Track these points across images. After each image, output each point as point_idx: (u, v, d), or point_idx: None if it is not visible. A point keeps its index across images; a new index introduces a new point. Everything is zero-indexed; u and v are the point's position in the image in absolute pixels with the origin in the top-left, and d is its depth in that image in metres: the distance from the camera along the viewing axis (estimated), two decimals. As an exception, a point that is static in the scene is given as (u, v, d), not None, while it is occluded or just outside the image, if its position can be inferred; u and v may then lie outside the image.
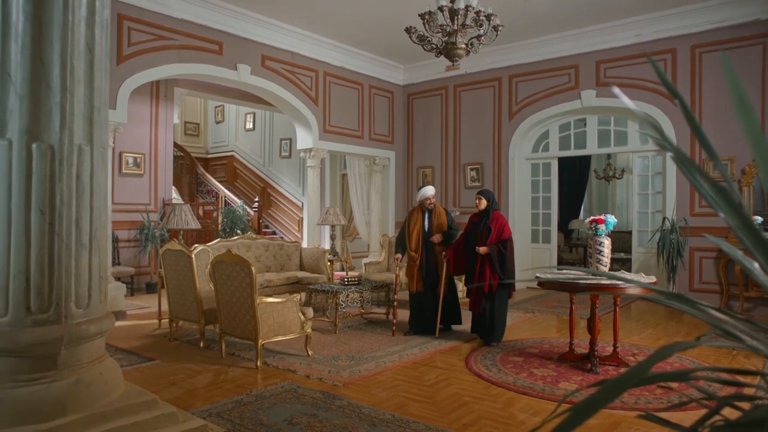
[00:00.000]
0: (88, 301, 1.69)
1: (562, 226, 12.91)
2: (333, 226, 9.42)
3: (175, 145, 11.29)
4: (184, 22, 7.70)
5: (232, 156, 14.46)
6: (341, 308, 6.57)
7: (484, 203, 6.14)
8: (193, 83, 10.18)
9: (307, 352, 5.71)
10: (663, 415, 1.33)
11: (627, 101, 1.22)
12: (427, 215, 6.59)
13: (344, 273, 7.56)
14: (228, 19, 8.12)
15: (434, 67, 10.45)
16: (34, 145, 1.59)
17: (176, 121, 10.71)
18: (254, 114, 13.80)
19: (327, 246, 10.22)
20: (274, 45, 8.79)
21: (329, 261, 8.06)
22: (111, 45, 6.72)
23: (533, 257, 10.27)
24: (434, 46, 6.60)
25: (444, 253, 6.38)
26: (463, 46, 6.49)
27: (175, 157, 11.34)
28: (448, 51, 6.50)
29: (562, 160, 10.40)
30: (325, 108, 9.69)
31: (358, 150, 10.28)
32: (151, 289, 9.38)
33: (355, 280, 6.88)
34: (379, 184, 10.76)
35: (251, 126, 14.01)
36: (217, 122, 14.92)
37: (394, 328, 6.61)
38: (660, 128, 0.92)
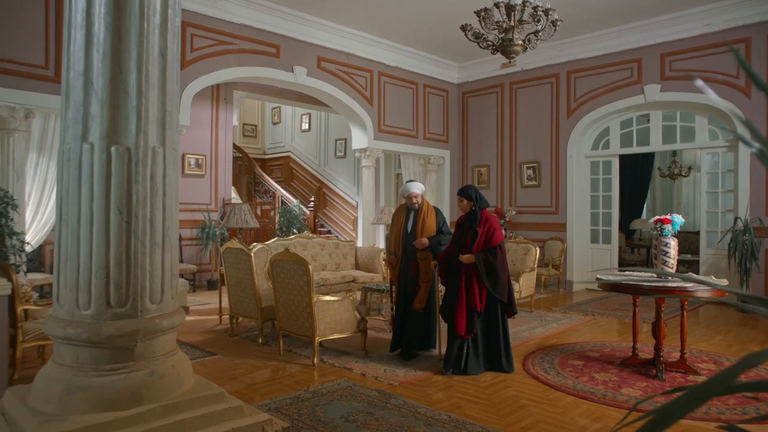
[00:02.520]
0: (161, 296, 1.78)
1: (623, 226, 12.44)
2: (388, 226, 9.46)
3: (234, 146, 11.64)
4: (243, 27, 7.92)
5: (289, 156, 14.76)
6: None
7: (465, 204, 5.10)
8: (251, 86, 10.46)
9: (364, 350, 5.74)
10: (747, 427, 1.25)
11: (713, 95, 1.16)
12: (412, 215, 5.61)
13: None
14: (285, 22, 8.29)
15: (490, 64, 10.30)
16: (113, 148, 1.68)
17: (235, 123, 11.04)
18: (310, 115, 14.03)
19: (382, 245, 10.27)
20: (330, 46, 8.90)
21: (383, 260, 8.09)
22: (176, 51, 6.99)
23: (593, 258, 9.96)
24: (490, 44, 6.51)
25: (435, 262, 5.38)
26: (520, 42, 6.37)
27: (234, 158, 11.68)
28: (504, 48, 6.40)
29: (623, 158, 10.03)
30: (380, 108, 9.73)
31: (412, 149, 10.27)
32: (212, 286, 9.71)
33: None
34: (434, 183, 10.71)
35: (307, 127, 14.25)
36: (274, 123, 15.27)
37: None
38: (752, 125, 0.87)
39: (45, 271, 8.33)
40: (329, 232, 12.99)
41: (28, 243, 6.06)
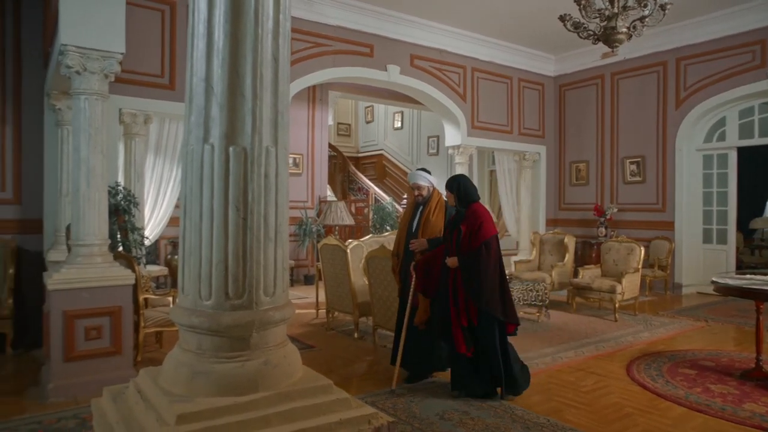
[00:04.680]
0: (274, 289, 1.86)
1: (742, 226, 11.39)
2: (481, 223, 9.32)
3: (329, 145, 11.97)
4: (338, 29, 8.12)
5: (382, 154, 14.97)
6: (490, 306, 6.46)
7: (452, 197, 4.38)
8: (345, 86, 10.70)
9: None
10: None
11: None
12: (419, 211, 4.83)
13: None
14: (378, 22, 8.40)
15: (589, 55, 9.83)
16: (231, 149, 1.78)
17: (330, 122, 11.36)
18: (402, 113, 14.14)
19: (474, 243, 10.12)
20: (423, 44, 8.91)
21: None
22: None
23: (705, 259, 9.23)
24: (591, 33, 6.21)
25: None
26: (625, 29, 6.02)
27: (329, 157, 12.02)
28: (607, 37, 6.08)
29: (741, 150, 9.18)
30: (473, 104, 9.60)
31: (507, 145, 10.04)
32: (308, 280, 10.07)
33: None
34: (529, 180, 10.41)
35: (399, 125, 14.38)
36: (367, 122, 15.55)
37: (541, 317, 6.36)
38: None
39: (160, 264, 9.03)
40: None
41: (146, 238, 6.59)
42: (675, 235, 9.06)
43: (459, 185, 4.34)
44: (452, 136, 9.60)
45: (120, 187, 5.87)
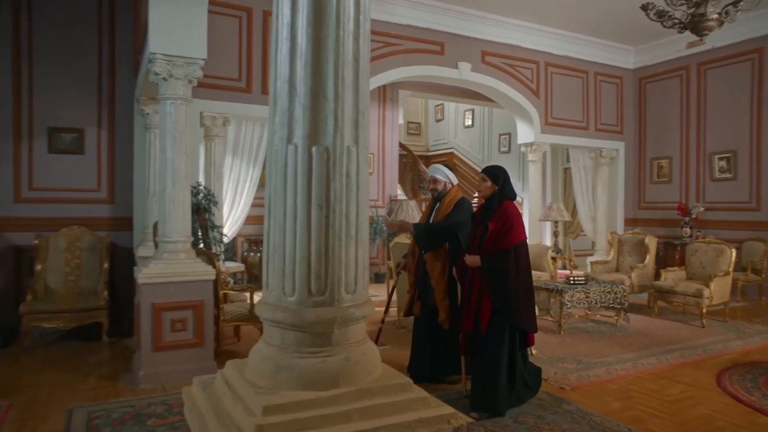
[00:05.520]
0: (355, 287, 1.89)
1: None
2: (555, 223, 9.04)
3: (399, 144, 12.01)
4: (408, 27, 8.12)
5: (452, 153, 14.86)
6: (566, 308, 6.28)
7: (487, 187, 3.96)
8: (415, 84, 10.70)
9: (531, 350, 5.57)
10: None
11: None
12: (436, 207, 4.67)
13: (567, 271, 7.21)
14: (449, 19, 8.33)
15: (672, 45, 9.30)
16: (313, 149, 1.82)
17: (400, 121, 11.39)
18: (473, 111, 13.97)
19: (549, 243, 9.85)
20: (494, 40, 8.75)
21: (552, 258, 7.76)
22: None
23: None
24: (677, 21, 5.87)
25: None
26: (716, 16, 5.65)
27: (399, 156, 12.05)
28: (695, 25, 5.73)
29: None
30: (547, 100, 9.33)
31: (582, 142, 9.68)
32: (379, 279, 10.16)
33: (581, 279, 6.51)
34: (606, 177, 9.98)
35: (470, 123, 14.21)
36: (437, 120, 15.48)
37: (620, 321, 6.06)
38: None
39: (237, 261, 9.40)
40: (491, 228, 12.82)
41: (225, 235, 6.87)
42: (771, 236, 8.41)
43: (505, 176, 4.00)
44: (525, 133, 9.37)
45: (201, 187, 6.15)
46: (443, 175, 4.65)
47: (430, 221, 4.62)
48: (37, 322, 5.93)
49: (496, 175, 3.97)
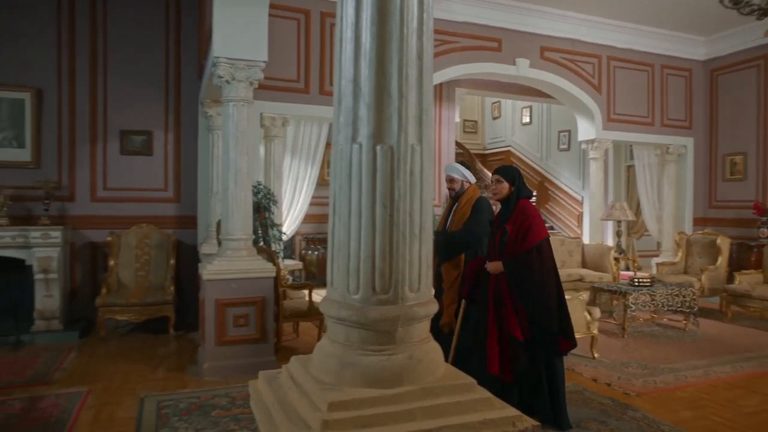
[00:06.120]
0: (419, 286, 1.89)
1: None
2: (618, 222, 8.71)
3: (456, 143, 11.92)
4: (464, 24, 8.03)
5: (509, 151, 14.61)
6: (630, 310, 6.05)
7: (505, 188, 3.79)
8: (471, 82, 10.57)
9: (593, 354, 5.43)
10: None
11: None
12: (454, 207, 4.55)
13: (631, 273, 6.93)
14: (506, 14, 8.18)
15: (748, 33, 8.76)
16: (378, 147, 1.83)
17: (456, 119, 11.29)
18: (531, 108, 13.68)
19: (611, 243, 9.52)
20: (553, 35, 8.52)
21: (614, 259, 7.49)
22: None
23: None
24: (755, 8, 5.53)
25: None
26: (798, 2, 5.28)
27: (456, 154, 11.95)
28: (775, 11, 5.38)
29: None
30: (609, 95, 9.01)
31: (647, 138, 9.28)
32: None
33: (646, 281, 6.26)
34: (673, 174, 9.53)
35: (528, 120, 13.92)
36: (494, 118, 15.25)
37: (689, 326, 5.76)
38: None
39: (295, 258, 9.59)
40: (551, 227, 12.53)
41: (284, 233, 7.03)
42: None
43: (519, 175, 3.85)
44: (586, 130, 9.08)
45: (261, 186, 6.32)
46: (459, 173, 4.52)
47: (449, 221, 4.51)
48: (111, 315, 6.28)
49: (512, 175, 3.85)
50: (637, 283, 6.23)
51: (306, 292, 6.03)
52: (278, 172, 7.04)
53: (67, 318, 6.43)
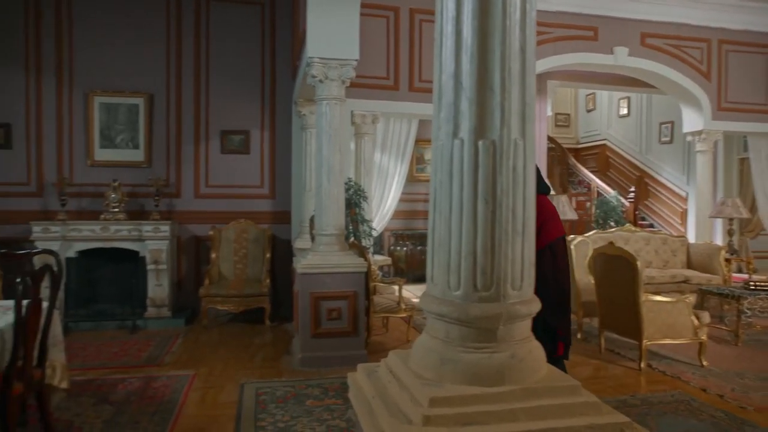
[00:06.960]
0: (521, 283, 1.85)
1: None
2: (730, 220, 8.03)
3: (547, 137, 11.51)
4: (558, 14, 7.73)
5: (604, 144, 13.91)
6: (745, 316, 5.58)
7: None
8: (565, 74, 10.15)
9: (701, 361, 5.07)
10: None
11: None
12: None
13: (745, 275, 6.38)
14: (603, 1, 7.78)
15: None
16: (480, 142, 1.80)
17: (548, 113, 10.91)
18: (629, 98, 12.93)
19: (720, 242, 8.81)
20: (655, 20, 8.00)
21: (725, 260, 6.93)
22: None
23: None
24: None
25: None
26: None
27: (548, 149, 11.55)
28: None
29: None
30: (720, 82, 8.32)
31: (765, 128, 8.48)
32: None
33: (765, 285, 5.74)
34: (795, 168, 8.66)
35: (625, 111, 13.17)
36: (588, 111, 14.58)
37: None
38: None
39: (384, 254, 9.70)
40: (651, 225, 11.80)
41: (374, 229, 7.13)
42: None
43: (537, 170, 3.78)
44: (692, 120, 8.45)
45: (351, 182, 6.45)
46: None
47: None
48: (213, 304, 6.68)
49: None
50: (753, 287, 5.71)
51: (396, 287, 6.08)
52: (368, 168, 7.16)
53: (174, 306, 6.93)
